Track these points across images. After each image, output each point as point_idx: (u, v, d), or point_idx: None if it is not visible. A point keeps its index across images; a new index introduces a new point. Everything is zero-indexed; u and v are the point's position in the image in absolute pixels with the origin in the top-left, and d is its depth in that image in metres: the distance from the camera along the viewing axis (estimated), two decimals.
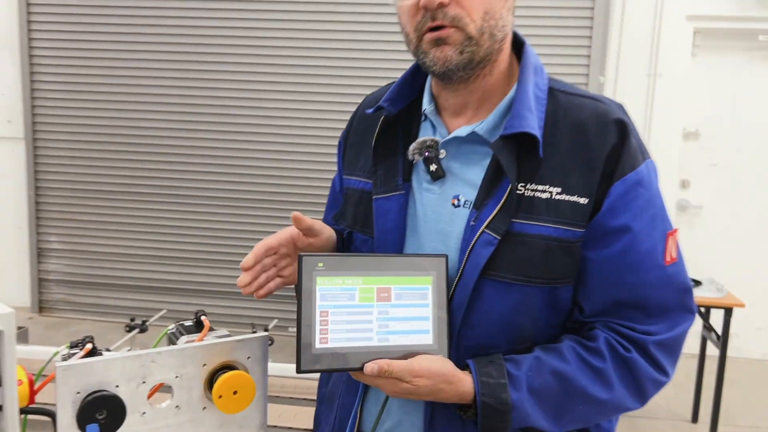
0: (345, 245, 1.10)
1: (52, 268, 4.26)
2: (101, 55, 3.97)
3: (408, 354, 0.90)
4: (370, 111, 1.05)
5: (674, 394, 3.30)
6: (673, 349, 0.95)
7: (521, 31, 1.02)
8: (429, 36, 0.91)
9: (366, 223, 1.02)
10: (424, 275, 0.92)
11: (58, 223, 4.20)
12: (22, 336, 3.51)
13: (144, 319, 2.91)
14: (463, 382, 0.89)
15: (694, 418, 3.25)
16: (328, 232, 1.06)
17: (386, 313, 0.91)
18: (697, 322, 2.25)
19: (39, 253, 4.25)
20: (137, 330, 2.85)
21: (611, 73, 3.58)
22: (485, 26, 0.90)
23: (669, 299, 0.94)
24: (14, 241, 4.26)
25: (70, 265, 4.23)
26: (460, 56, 0.90)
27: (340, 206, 1.13)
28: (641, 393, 0.94)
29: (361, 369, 0.89)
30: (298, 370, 0.90)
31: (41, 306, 4.30)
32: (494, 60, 0.95)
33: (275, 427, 2.69)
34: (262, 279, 0.99)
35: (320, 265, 0.89)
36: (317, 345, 0.89)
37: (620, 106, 0.98)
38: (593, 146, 0.92)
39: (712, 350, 3.09)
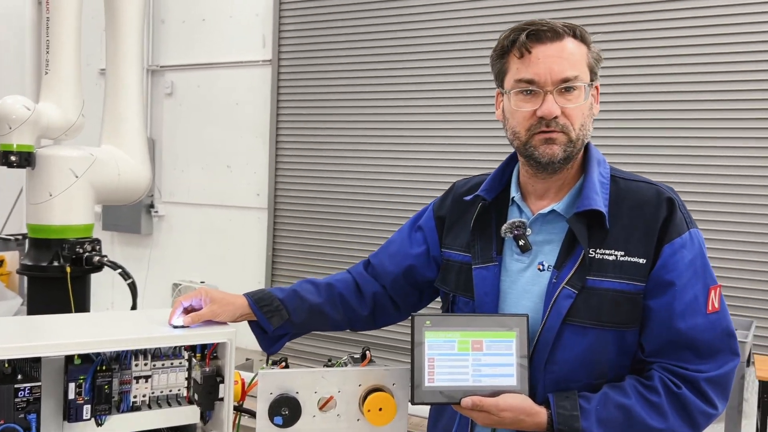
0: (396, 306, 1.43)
1: None
2: (325, 140, 4.71)
3: (496, 392, 1.10)
4: (468, 198, 1.32)
5: None
6: (722, 385, 1.09)
7: None
8: (540, 136, 1.17)
9: (467, 288, 1.26)
10: (509, 330, 1.13)
11: (288, 280, 4.94)
12: (248, 366, 4.20)
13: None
14: (540, 414, 1.09)
15: None
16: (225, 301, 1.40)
17: (479, 360, 1.13)
18: None
19: None
20: None
21: None
22: (580, 134, 1.17)
23: (716, 342, 1.10)
24: None
25: None
26: (563, 153, 1.17)
27: (413, 259, 1.39)
28: (693, 424, 1.08)
29: (458, 403, 1.11)
30: (413, 403, 1.16)
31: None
32: (577, 157, 1.20)
33: None
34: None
35: (428, 322, 1.15)
36: (426, 384, 1.13)
37: (669, 188, 1.18)
38: (650, 219, 1.14)
39: None
